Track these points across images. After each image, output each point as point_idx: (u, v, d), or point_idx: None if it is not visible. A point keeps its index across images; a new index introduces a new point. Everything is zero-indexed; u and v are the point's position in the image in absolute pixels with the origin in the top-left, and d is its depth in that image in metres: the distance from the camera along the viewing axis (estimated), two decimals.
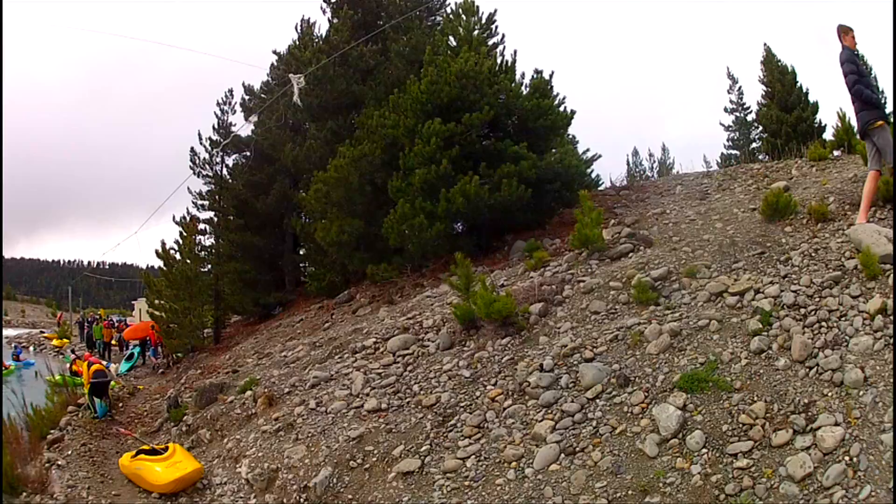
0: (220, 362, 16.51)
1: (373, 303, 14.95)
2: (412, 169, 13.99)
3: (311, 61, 17.18)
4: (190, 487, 8.90)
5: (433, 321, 10.68)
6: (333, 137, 18.02)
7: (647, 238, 10.69)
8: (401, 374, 9.33)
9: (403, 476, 7.08)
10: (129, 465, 9.88)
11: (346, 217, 16.03)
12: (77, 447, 11.59)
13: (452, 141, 13.63)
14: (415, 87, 14.44)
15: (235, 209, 22.06)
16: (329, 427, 8.54)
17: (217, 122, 22.47)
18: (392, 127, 14.83)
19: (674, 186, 14.76)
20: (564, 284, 9.66)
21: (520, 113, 14.52)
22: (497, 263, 13.11)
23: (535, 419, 7.07)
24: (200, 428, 10.99)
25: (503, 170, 13.15)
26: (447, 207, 13.24)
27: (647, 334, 7.40)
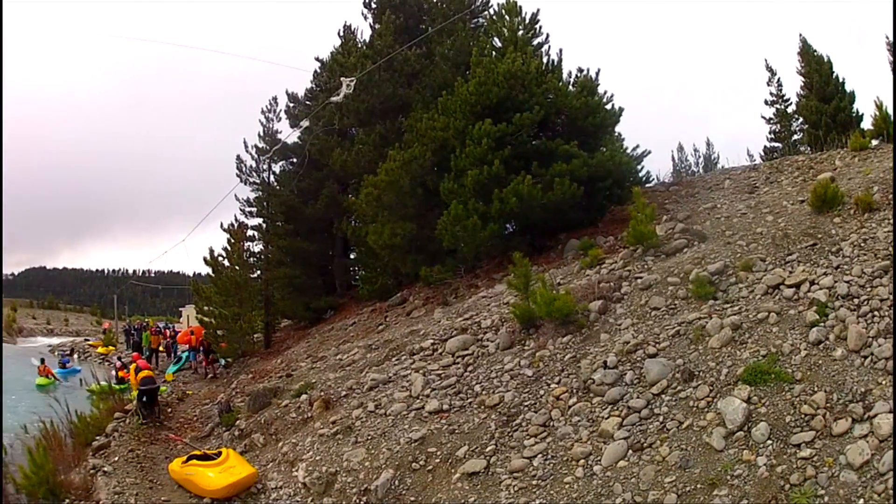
0: (272, 367, 16.90)
1: (427, 304, 15.25)
2: (464, 170, 14.36)
3: (356, 66, 17.64)
4: (244, 492, 9.13)
5: (491, 321, 10.90)
6: (382, 141, 18.48)
7: (700, 233, 10.99)
8: (461, 375, 9.53)
9: (469, 477, 7.25)
10: (179, 470, 10.06)
11: (398, 220, 16.38)
12: (124, 453, 11.87)
13: (503, 141, 14.00)
14: (463, 88, 14.88)
15: (284, 215, 22.60)
16: (389, 429, 8.73)
17: (263, 130, 23.03)
18: (442, 129, 15.26)
19: (722, 181, 15.02)
20: (622, 281, 9.93)
21: (568, 112, 14.88)
22: (552, 262, 13.39)
23: (602, 416, 7.26)
24: (254, 432, 11.28)
25: (555, 169, 13.48)
26: (500, 208, 13.57)
27: (708, 328, 7.64)
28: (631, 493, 6.14)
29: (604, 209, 14.83)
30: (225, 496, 9.04)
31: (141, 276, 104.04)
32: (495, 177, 13.69)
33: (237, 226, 21.92)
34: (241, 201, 23.86)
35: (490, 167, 13.71)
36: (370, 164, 18.08)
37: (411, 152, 15.90)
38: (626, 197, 13.93)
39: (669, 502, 5.84)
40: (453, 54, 17.60)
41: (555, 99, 14.89)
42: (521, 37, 15.74)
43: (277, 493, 8.85)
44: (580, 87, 15.19)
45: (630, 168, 15.04)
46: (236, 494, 9.05)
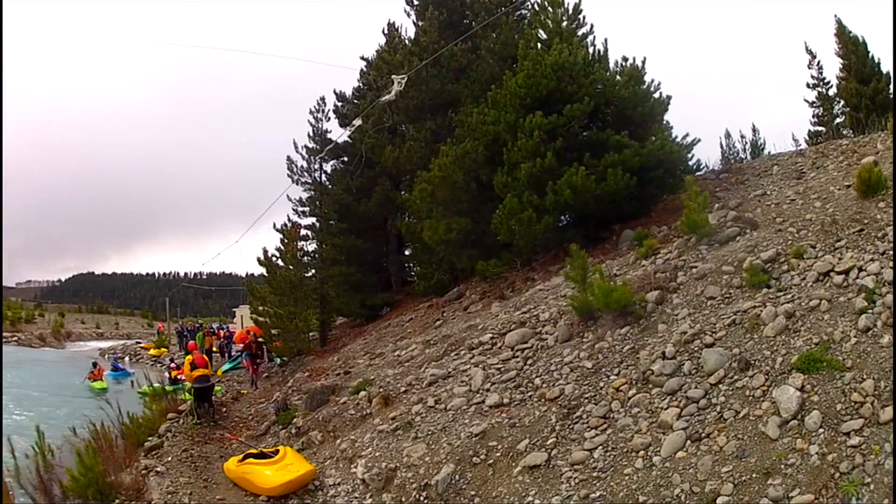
0: (328, 364, 17.27)
1: (484, 299, 15.47)
2: (517, 163, 14.66)
3: (403, 64, 18.10)
4: (301, 489, 9.30)
5: (549, 314, 11.10)
6: (433, 137, 18.95)
7: (752, 220, 11.15)
8: (521, 369, 9.76)
9: (530, 470, 7.48)
10: (235, 469, 10.27)
11: (453, 215, 16.73)
12: (178, 453, 12.13)
13: (555, 133, 14.27)
14: (512, 82, 15.19)
15: (337, 214, 23.21)
16: (450, 424, 8.99)
17: (312, 130, 23.88)
18: (493, 123, 15.60)
19: (770, 167, 15.06)
20: (677, 271, 10.13)
21: (617, 102, 15.10)
22: (607, 254, 13.58)
23: (661, 407, 7.47)
24: (311, 430, 11.51)
25: (607, 159, 13.71)
26: (555, 200, 13.85)
27: (763, 317, 7.84)
28: (689, 484, 6.34)
29: (656, 199, 15.03)
30: (281, 494, 9.26)
31: (193, 279, 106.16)
32: (548, 169, 13.97)
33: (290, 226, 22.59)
34: (294, 201, 24.71)
35: (543, 160, 13.99)
36: (422, 160, 18.57)
37: (463, 147, 16.26)
38: (678, 186, 14.12)
39: (726, 492, 6.03)
40: (499, 48, 17.94)
41: (603, 89, 15.11)
42: (565, 28, 15.96)
43: (335, 490, 9.06)
44: (627, 76, 15.38)
45: (681, 157, 15.19)
46: (293, 492, 9.27)
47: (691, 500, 6.20)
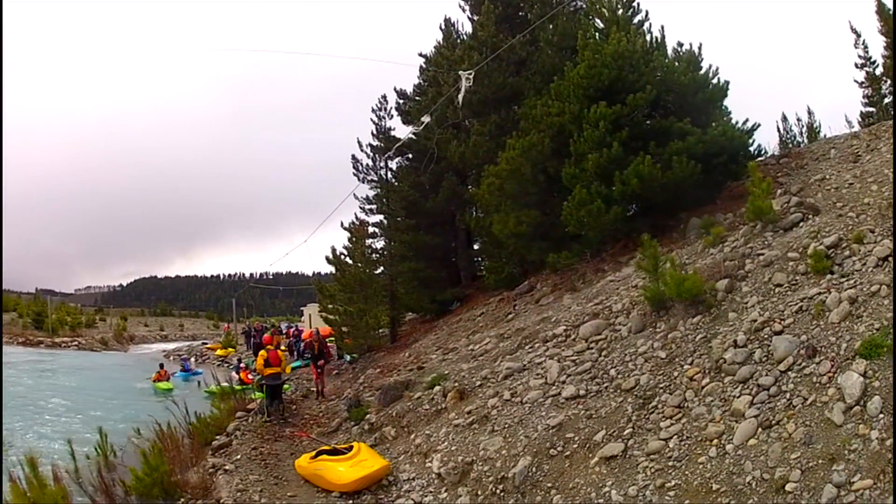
0: (399, 360, 17.77)
1: (555, 291, 15.83)
2: (584, 154, 14.97)
3: (463, 59, 18.61)
4: (374, 485, 9.59)
5: (622, 305, 11.35)
6: (497, 131, 19.41)
7: (813, 206, 11.30)
8: (596, 360, 10.01)
9: (606, 461, 7.74)
10: (308, 465, 10.54)
11: (522, 208, 17.09)
12: (247, 451, 12.49)
13: (620, 123, 14.59)
14: (574, 72, 15.55)
15: (405, 210, 23.70)
16: (526, 417, 9.29)
17: (375, 128, 24.61)
18: (557, 115, 15.97)
19: (827, 150, 15.01)
20: (745, 259, 10.28)
21: (678, 89, 15.26)
22: (674, 242, 13.75)
23: (733, 395, 7.67)
24: (385, 425, 11.96)
25: (672, 147, 13.94)
26: (622, 190, 14.14)
27: (828, 303, 8.01)
28: (760, 471, 6.53)
29: (720, 186, 15.12)
30: (355, 489, 9.53)
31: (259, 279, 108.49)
32: (615, 159, 14.27)
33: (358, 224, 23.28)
34: (360, 199, 25.49)
35: (609, 150, 14.30)
36: (487, 154, 19.09)
37: (529, 139, 16.66)
38: (741, 172, 14.23)
39: (794, 479, 6.21)
40: (557, 39, 18.27)
41: (663, 77, 15.35)
42: (621, 16, 16.24)
43: (410, 485, 9.41)
44: (685, 63, 15.55)
45: (742, 142, 15.22)
46: (366, 487, 9.56)
47: (761, 486, 6.40)
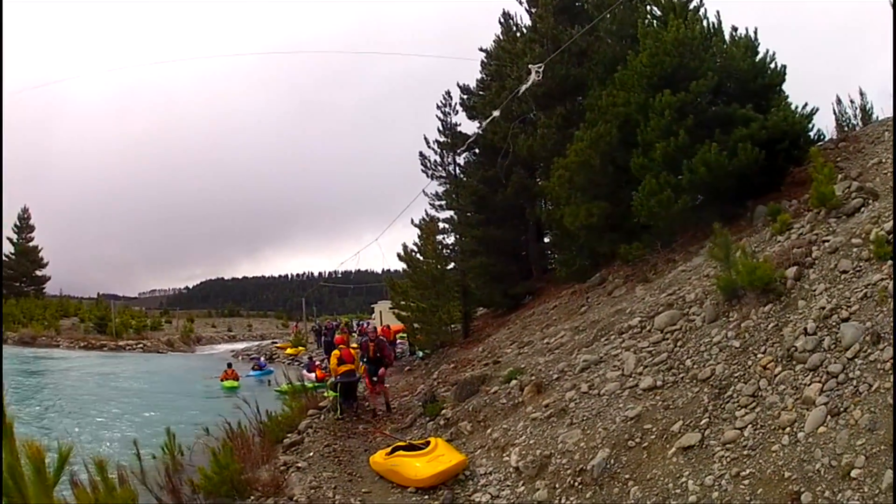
0: (473, 355, 17.99)
1: (627, 282, 15.96)
2: (651, 144, 15.11)
3: (525, 52, 18.90)
4: (451, 480, 9.61)
5: (695, 295, 11.42)
6: (564, 123, 19.74)
7: (873, 190, 11.22)
8: (672, 350, 10.08)
9: (684, 451, 7.81)
10: (383, 462, 10.60)
11: (592, 199, 17.29)
12: (320, 448, 12.69)
13: (684, 111, 14.67)
14: (636, 61, 15.70)
15: (474, 205, 24.20)
16: (604, 409, 9.36)
17: (441, 125, 25.10)
18: (623, 104, 16.13)
19: (881, 133, 14.77)
20: (812, 246, 10.29)
21: (738, 74, 15.27)
22: (742, 230, 13.69)
23: (804, 383, 7.73)
24: (461, 420, 12.09)
25: (736, 134, 13.95)
26: (691, 178, 14.23)
27: (889, 289, 8.02)
28: (828, 458, 6.58)
29: (783, 172, 15.03)
30: (431, 485, 9.57)
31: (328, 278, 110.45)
32: (682, 147, 14.37)
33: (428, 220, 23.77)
34: (430, 196, 26.06)
35: (676, 138, 14.42)
36: (555, 146, 19.35)
37: (596, 131, 16.85)
38: (803, 157, 14.25)
39: (859, 465, 6.29)
40: (616, 28, 18.39)
41: (723, 63, 15.38)
42: (677, 2, 16.25)
43: (487, 479, 9.46)
44: (742, 48, 15.53)
45: (803, 127, 15.13)
46: (443, 482, 9.59)
47: (829, 473, 6.48)
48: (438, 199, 26.16)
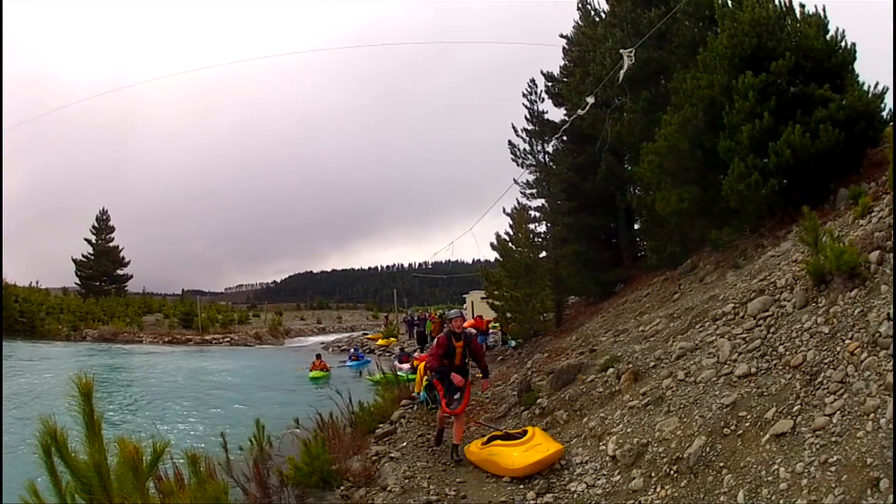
0: (567, 344, 18.12)
1: (718, 268, 15.92)
2: (737, 126, 14.99)
3: (606, 37, 18.96)
4: (546, 469, 9.63)
5: (785, 280, 11.31)
6: (650, 107, 19.67)
7: None
8: (765, 337, 10.02)
9: (776, 438, 7.80)
10: (479, 451, 10.63)
11: (682, 184, 17.26)
12: (413, 438, 12.98)
13: (767, 92, 14.50)
14: (717, 43, 15.59)
15: (565, 193, 24.33)
16: (701, 396, 9.36)
17: (528, 112, 25.31)
18: (707, 87, 16.02)
19: None
20: (892, 229, 10.07)
21: (812, 54, 14.94)
22: (826, 214, 13.40)
23: (887, 369, 7.63)
24: (556, 409, 12.13)
25: (817, 115, 13.74)
26: (777, 161, 14.08)
27: None
28: None
29: (861, 153, 14.64)
30: (527, 474, 9.61)
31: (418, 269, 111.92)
32: (766, 130, 14.25)
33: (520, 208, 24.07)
34: (521, 184, 26.27)
35: (760, 121, 14.31)
36: (643, 131, 19.41)
37: (683, 114, 16.82)
38: (878, 138, 13.91)
39: None
40: (692, 9, 18.21)
41: (798, 42, 15.08)
42: None
43: (582, 468, 9.49)
44: (814, 26, 15.17)
45: (876, 107, 14.65)
46: (538, 472, 9.61)
47: None
48: (529, 188, 26.43)
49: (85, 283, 75.59)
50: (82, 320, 59.13)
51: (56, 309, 60.42)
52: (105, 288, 75.78)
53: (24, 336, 49.73)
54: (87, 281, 75.69)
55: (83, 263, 75.78)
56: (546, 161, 25.49)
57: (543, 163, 25.46)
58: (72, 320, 57.69)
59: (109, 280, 77.38)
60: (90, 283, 75.66)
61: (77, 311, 61.02)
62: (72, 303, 65.64)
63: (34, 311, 53.76)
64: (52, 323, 55.58)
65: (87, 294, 72.65)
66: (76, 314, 59.97)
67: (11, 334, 48.70)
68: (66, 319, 57.99)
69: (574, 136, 23.72)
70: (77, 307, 63.20)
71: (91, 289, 74.34)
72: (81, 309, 62.68)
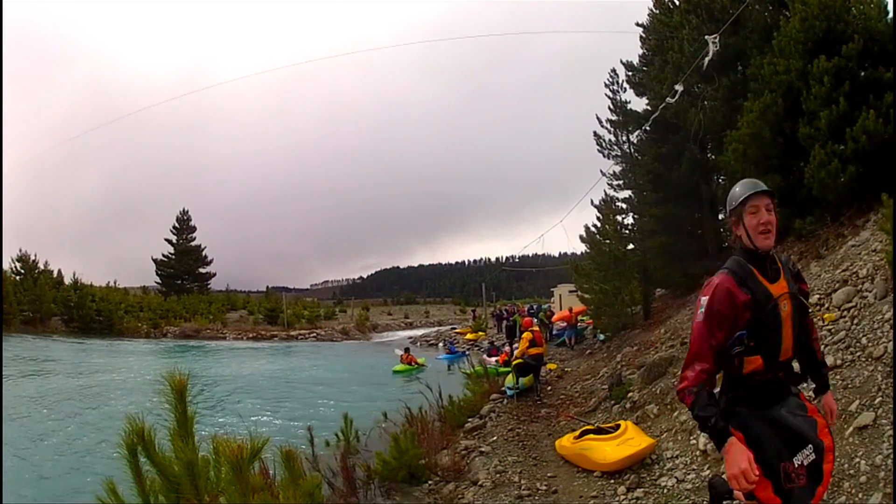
0: (655, 337, 18.17)
1: (801, 259, 15.45)
2: (814, 113, 14.71)
3: (682, 24, 18.72)
4: (637, 464, 9.67)
5: (866, 270, 11.26)
6: (729, 94, 19.36)
7: None
8: (849, 329, 9.98)
9: (859, 431, 7.80)
10: (571, 446, 10.68)
11: (765, 173, 16.74)
12: (503, 433, 13.10)
13: (840, 77, 14.23)
14: (790, 27, 15.36)
15: (651, 184, 24.19)
16: None
17: (611, 103, 25.26)
18: (784, 72, 15.73)
19: None
20: None
21: (878, 37, 14.51)
22: None
23: None
24: (647, 403, 12.25)
25: (887, 100, 13.38)
26: (854, 148, 13.77)
27: None
28: None
29: None
30: (618, 469, 9.64)
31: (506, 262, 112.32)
32: (843, 115, 13.96)
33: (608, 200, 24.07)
34: (608, 175, 26.16)
35: (837, 106, 14.03)
36: (724, 119, 19.16)
37: (763, 101, 16.49)
38: None
39: None
40: None
41: (864, 25, 14.67)
42: None
43: (673, 463, 9.54)
44: (875, 7, 14.82)
45: None
46: (629, 466, 9.65)
47: None
48: (616, 179, 26.30)
49: (166, 282, 79.62)
50: (163, 318, 62.55)
51: (135, 307, 64.22)
52: (187, 286, 79.67)
53: (101, 334, 53.11)
54: (167, 280, 79.64)
55: (164, 263, 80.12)
56: (631, 152, 25.35)
57: (629, 153, 25.33)
58: (152, 318, 61.18)
59: (192, 278, 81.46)
60: (171, 281, 79.83)
61: (157, 310, 64.53)
62: (152, 301, 69.47)
63: (112, 310, 57.17)
64: (130, 321, 59.15)
65: (167, 293, 76.69)
66: (156, 312, 63.49)
67: (88, 333, 52.58)
68: (146, 317, 61.60)
69: (657, 126, 23.34)
70: (157, 305, 66.83)
71: (172, 287, 78.53)
72: (162, 307, 66.32)
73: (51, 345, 43.20)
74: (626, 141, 25.38)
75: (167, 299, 70.86)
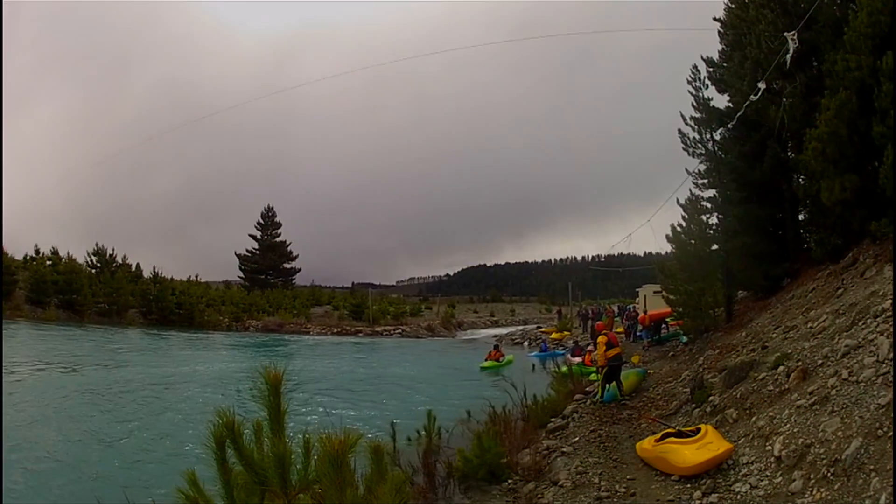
0: (737, 340, 17.96)
1: (877, 262, 15.26)
2: (886, 111, 14.38)
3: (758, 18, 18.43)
4: (714, 468, 9.74)
5: None
6: (806, 91, 18.99)
7: None
8: None
9: None
10: (651, 448, 10.87)
11: (843, 172, 16.60)
12: (585, 433, 13.28)
13: None
14: (857, 22, 15.05)
15: (734, 183, 23.84)
16: (861, 396, 9.21)
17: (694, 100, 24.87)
18: (856, 69, 15.42)
19: None
20: None
21: None
22: None
23: None
24: (728, 408, 12.24)
25: None
26: None
27: None
28: None
29: None
30: (696, 473, 9.78)
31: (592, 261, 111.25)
32: None
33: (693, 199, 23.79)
34: (693, 174, 25.98)
35: None
36: (803, 116, 18.82)
37: (839, 98, 16.20)
38: None
39: None
40: None
41: None
42: None
43: (748, 469, 9.57)
44: None
45: None
46: (706, 471, 9.77)
47: None
48: (701, 178, 25.97)
49: (249, 277, 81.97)
50: (245, 311, 64.69)
51: (217, 301, 66.53)
52: (271, 281, 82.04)
53: (181, 327, 55.30)
54: (251, 275, 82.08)
55: (247, 258, 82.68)
56: (715, 150, 24.89)
57: (713, 151, 24.88)
58: (234, 311, 63.41)
59: (276, 273, 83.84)
60: (255, 276, 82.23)
61: (240, 303, 66.92)
62: (234, 295, 72.28)
63: (192, 304, 59.26)
64: (212, 314, 61.24)
65: (251, 287, 79.07)
66: (238, 306, 65.85)
67: (167, 325, 54.96)
68: (228, 311, 63.78)
69: (738, 124, 22.83)
70: (240, 299, 69.29)
71: (256, 282, 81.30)
72: (245, 301, 68.69)
73: (130, 335, 45.60)
74: (710, 139, 24.91)
75: (250, 293, 73.69)
